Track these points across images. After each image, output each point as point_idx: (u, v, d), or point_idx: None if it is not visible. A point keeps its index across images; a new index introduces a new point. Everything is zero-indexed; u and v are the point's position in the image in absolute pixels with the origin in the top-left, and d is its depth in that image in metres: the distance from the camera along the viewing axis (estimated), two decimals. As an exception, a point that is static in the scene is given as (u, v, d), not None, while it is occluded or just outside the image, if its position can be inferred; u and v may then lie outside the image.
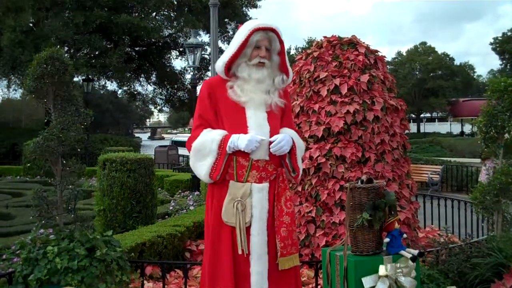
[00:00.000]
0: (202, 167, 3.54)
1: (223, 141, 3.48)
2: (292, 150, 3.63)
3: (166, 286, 5.00)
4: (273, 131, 3.55)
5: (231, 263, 3.44)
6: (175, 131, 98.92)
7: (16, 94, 43.59)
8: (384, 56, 6.62)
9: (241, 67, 3.61)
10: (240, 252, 3.43)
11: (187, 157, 23.28)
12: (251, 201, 3.47)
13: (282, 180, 3.55)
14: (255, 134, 3.45)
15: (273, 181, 3.54)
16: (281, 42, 3.64)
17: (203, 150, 3.53)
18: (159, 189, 11.37)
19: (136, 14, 30.27)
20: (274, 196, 3.52)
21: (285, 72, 3.70)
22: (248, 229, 3.46)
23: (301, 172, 3.73)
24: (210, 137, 3.53)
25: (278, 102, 3.63)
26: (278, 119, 3.66)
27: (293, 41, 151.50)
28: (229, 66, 3.62)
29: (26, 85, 4.57)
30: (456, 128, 57.99)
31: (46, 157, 4.45)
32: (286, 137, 3.56)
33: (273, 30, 3.58)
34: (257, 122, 3.53)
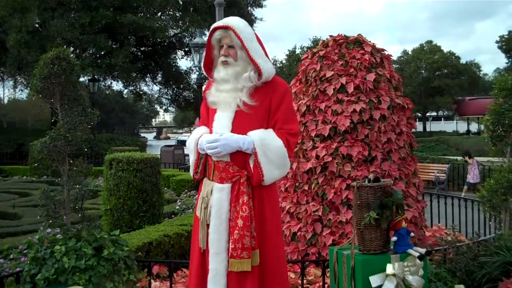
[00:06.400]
0: (190, 164, 3.75)
1: (198, 140, 3.62)
2: (255, 154, 3.46)
3: (173, 285, 5.00)
4: (237, 133, 3.47)
5: (199, 258, 3.59)
6: (180, 131, 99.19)
7: (22, 94, 43.84)
8: (390, 55, 6.60)
9: (216, 69, 3.67)
10: (200, 246, 3.54)
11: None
12: (212, 200, 3.52)
13: (242, 183, 3.47)
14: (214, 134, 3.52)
15: (236, 182, 3.50)
16: (239, 37, 3.53)
17: (189, 148, 3.73)
18: (165, 188, 11.38)
19: (142, 14, 30.30)
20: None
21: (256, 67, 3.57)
22: (209, 226, 3.52)
23: (264, 178, 3.46)
24: (193, 136, 3.70)
25: (247, 101, 3.51)
26: (249, 118, 3.52)
27: (303, 40, 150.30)
28: (211, 69, 3.72)
29: (33, 85, 4.58)
30: (462, 126, 57.81)
31: (53, 157, 4.46)
32: (230, 139, 3.42)
33: (227, 27, 3.57)
34: (219, 123, 3.56)
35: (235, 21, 3.61)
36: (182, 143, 26.33)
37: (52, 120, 22.78)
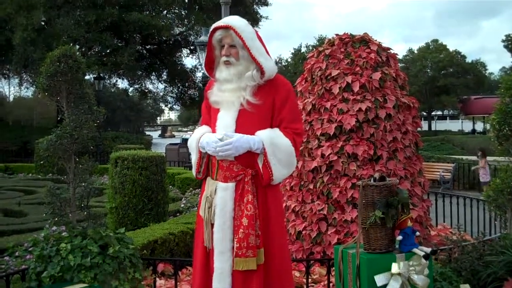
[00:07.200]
0: (193, 164, 3.73)
1: (200, 140, 3.61)
2: (264, 153, 3.45)
3: (178, 283, 5.00)
4: (242, 132, 3.46)
5: (203, 257, 3.56)
6: (185, 129, 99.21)
7: (28, 92, 43.93)
8: (396, 54, 6.59)
9: (218, 69, 3.64)
10: (205, 245, 3.53)
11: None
12: (216, 199, 3.51)
13: (246, 182, 3.47)
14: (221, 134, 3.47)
15: (240, 181, 3.49)
16: (240, 36, 3.50)
17: (191, 147, 3.72)
18: (170, 186, 11.38)
19: (147, 12, 30.34)
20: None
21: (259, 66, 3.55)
22: (213, 225, 3.51)
23: (273, 177, 3.48)
24: (195, 135, 3.70)
25: (251, 100, 3.50)
26: (253, 117, 3.51)
27: (309, 39, 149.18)
28: (212, 68, 3.69)
29: (39, 83, 4.59)
30: (467, 126, 57.63)
31: (59, 154, 4.47)
32: (241, 140, 3.41)
33: (228, 27, 3.53)
34: (223, 122, 3.54)
35: (235, 21, 3.58)
36: (187, 141, 26.38)
37: (58, 118, 22.84)
